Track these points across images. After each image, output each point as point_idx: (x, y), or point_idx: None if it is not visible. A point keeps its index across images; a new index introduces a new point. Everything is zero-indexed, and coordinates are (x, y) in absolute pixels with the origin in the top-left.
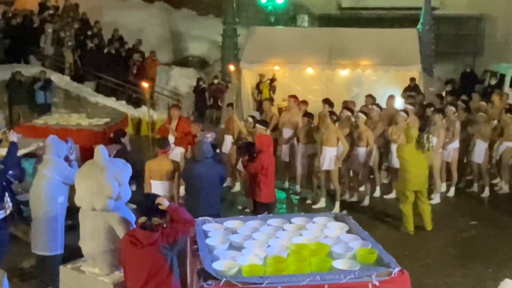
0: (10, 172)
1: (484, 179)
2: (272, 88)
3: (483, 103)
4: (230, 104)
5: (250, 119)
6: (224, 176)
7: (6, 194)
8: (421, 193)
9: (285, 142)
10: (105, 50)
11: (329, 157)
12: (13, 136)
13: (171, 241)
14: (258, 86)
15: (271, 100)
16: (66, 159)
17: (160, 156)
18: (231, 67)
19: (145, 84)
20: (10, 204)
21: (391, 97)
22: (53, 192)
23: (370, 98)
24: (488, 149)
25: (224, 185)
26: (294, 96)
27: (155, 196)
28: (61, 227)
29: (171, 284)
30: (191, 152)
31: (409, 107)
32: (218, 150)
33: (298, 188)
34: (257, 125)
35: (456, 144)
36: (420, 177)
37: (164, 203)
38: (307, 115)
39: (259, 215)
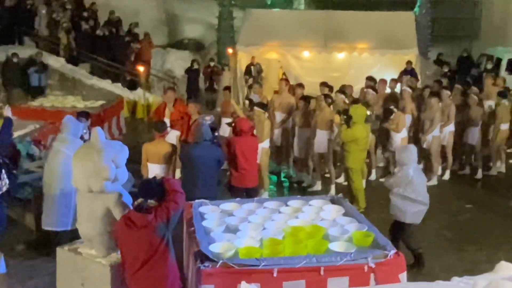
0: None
1: (477, 161)
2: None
3: (475, 88)
4: (228, 88)
5: (247, 102)
6: (222, 159)
7: (3, 171)
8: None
9: (278, 126)
10: (98, 32)
11: (323, 140)
12: (8, 112)
13: (165, 218)
14: (247, 69)
15: (260, 84)
16: (81, 138)
17: (157, 139)
18: (230, 50)
19: (141, 69)
20: (7, 181)
21: (383, 81)
22: (69, 169)
23: (369, 80)
24: (481, 131)
25: (222, 168)
26: (286, 79)
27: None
28: (74, 203)
29: (168, 265)
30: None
31: (408, 89)
32: (216, 133)
33: (292, 171)
34: (255, 108)
35: (451, 127)
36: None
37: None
38: (304, 98)
39: (255, 198)
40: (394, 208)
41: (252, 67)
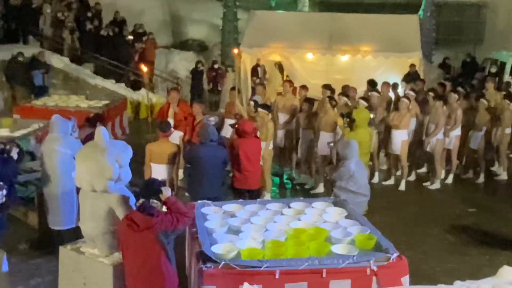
0: None
1: (480, 165)
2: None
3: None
4: (234, 88)
5: (252, 103)
6: (227, 160)
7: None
8: None
9: (281, 127)
10: (102, 32)
11: (326, 143)
12: (14, 153)
13: (170, 230)
14: (254, 71)
15: (263, 85)
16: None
17: (161, 139)
18: (235, 51)
19: (144, 68)
20: (4, 192)
21: (386, 84)
22: (67, 167)
23: (370, 84)
24: (484, 136)
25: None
26: (290, 81)
27: (161, 183)
28: (77, 200)
29: (167, 269)
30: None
31: (411, 93)
32: (221, 134)
33: (294, 173)
34: (259, 109)
35: (457, 131)
36: None
37: (166, 193)
38: (308, 100)
39: (257, 199)
40: None
41: (258, 68)
